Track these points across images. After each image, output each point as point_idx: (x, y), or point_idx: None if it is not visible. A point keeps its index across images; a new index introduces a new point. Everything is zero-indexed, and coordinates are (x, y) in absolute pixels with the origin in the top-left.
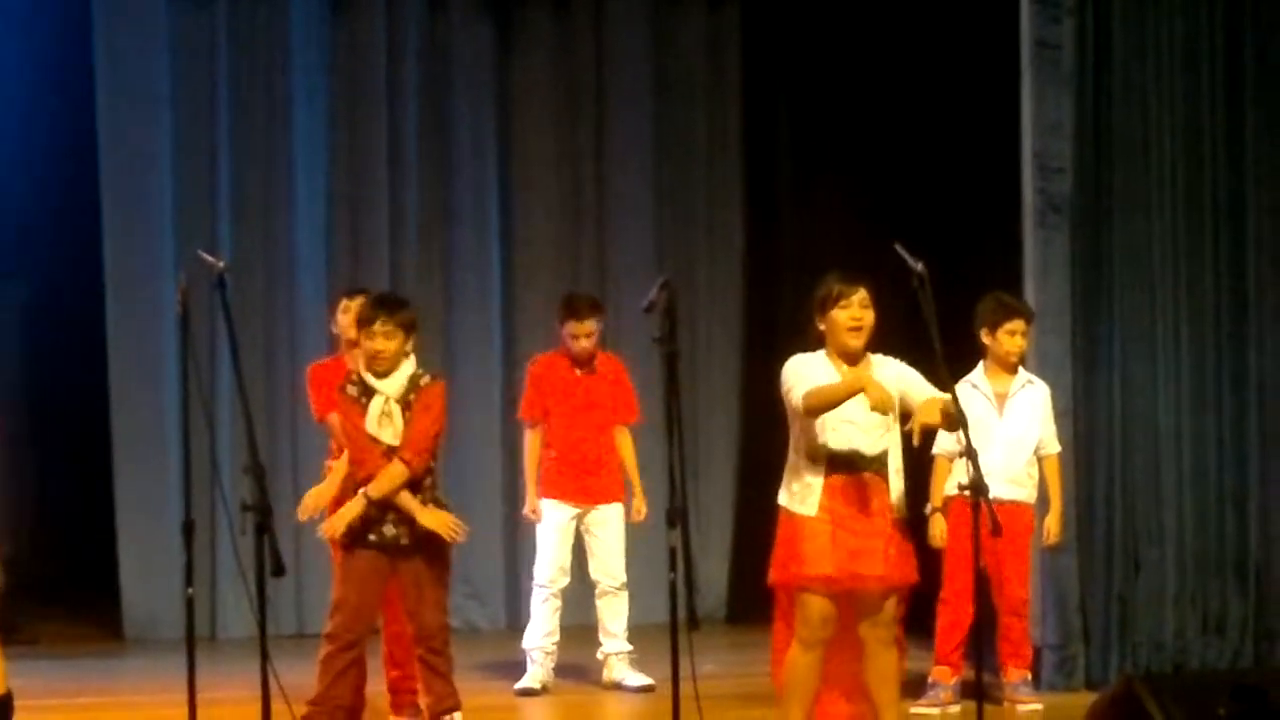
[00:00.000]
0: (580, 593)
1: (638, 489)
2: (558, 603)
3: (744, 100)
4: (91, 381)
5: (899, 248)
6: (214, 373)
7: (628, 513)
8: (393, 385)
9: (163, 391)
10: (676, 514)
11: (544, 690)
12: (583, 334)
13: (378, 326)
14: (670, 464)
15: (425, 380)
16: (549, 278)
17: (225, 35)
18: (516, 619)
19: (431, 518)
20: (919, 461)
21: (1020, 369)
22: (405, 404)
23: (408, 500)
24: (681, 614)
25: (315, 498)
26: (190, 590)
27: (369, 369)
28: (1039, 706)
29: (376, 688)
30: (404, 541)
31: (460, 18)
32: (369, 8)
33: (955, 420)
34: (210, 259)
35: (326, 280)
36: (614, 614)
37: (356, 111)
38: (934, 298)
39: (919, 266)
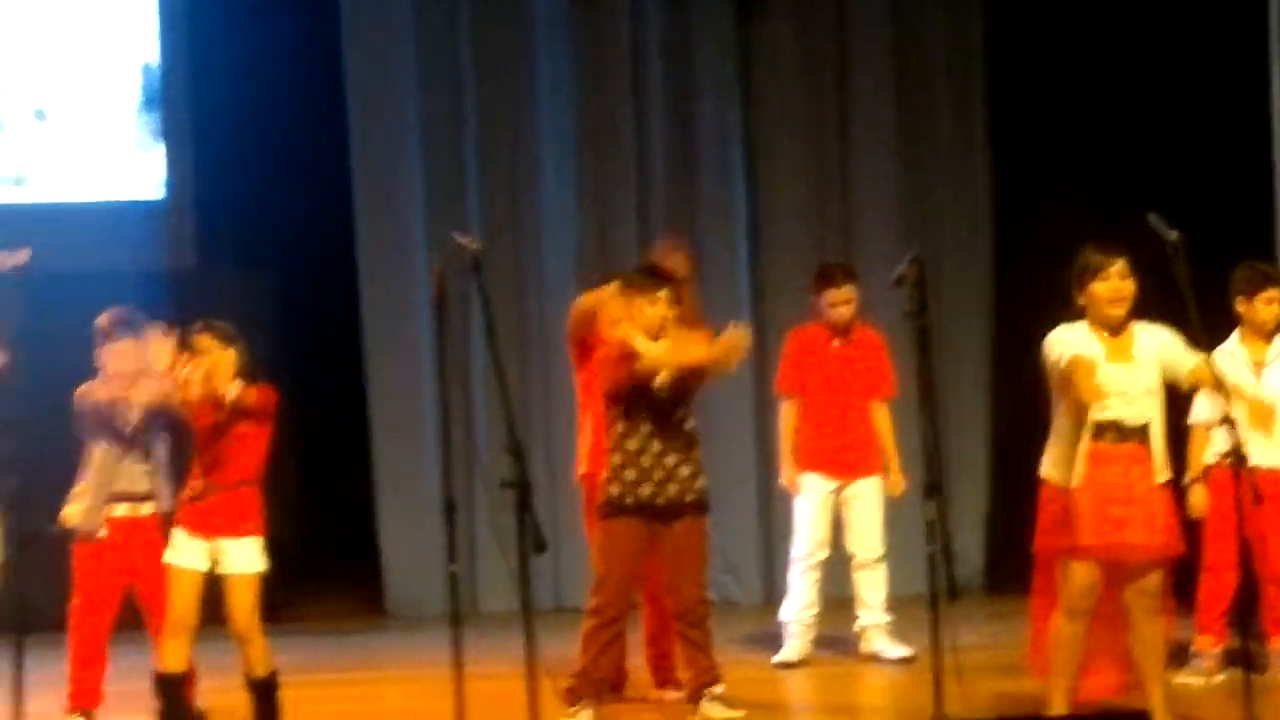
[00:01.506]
0: (836, 564)
1: (894, 462)
2: (817, 575)
3: (988, 65)
4: (349, 364)
5: (1153, 218)
6: (468, 353)
7: (884, 485)
8: None
9: (419, 373)
10: (933, 486)
11: (803, 662)
12: (841, 301)
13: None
14: (925, 436)
15: None
16: (795, 254)
17: (469, 18)
18: (772, 592)
19: (720, 344)
20: (1176, 432)
21: (1277, 336)
22: None
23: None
24: (940, 585)
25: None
26: (453, 567)
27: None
28: None
29: (636, 661)
30: (660, 502)
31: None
32: None
33: (1220, 384)
34: (464, 240)
35: (575, 260)
36: (872, 586)
37: (601, 92)
38: (1188, 267)
39: (1174, 235)
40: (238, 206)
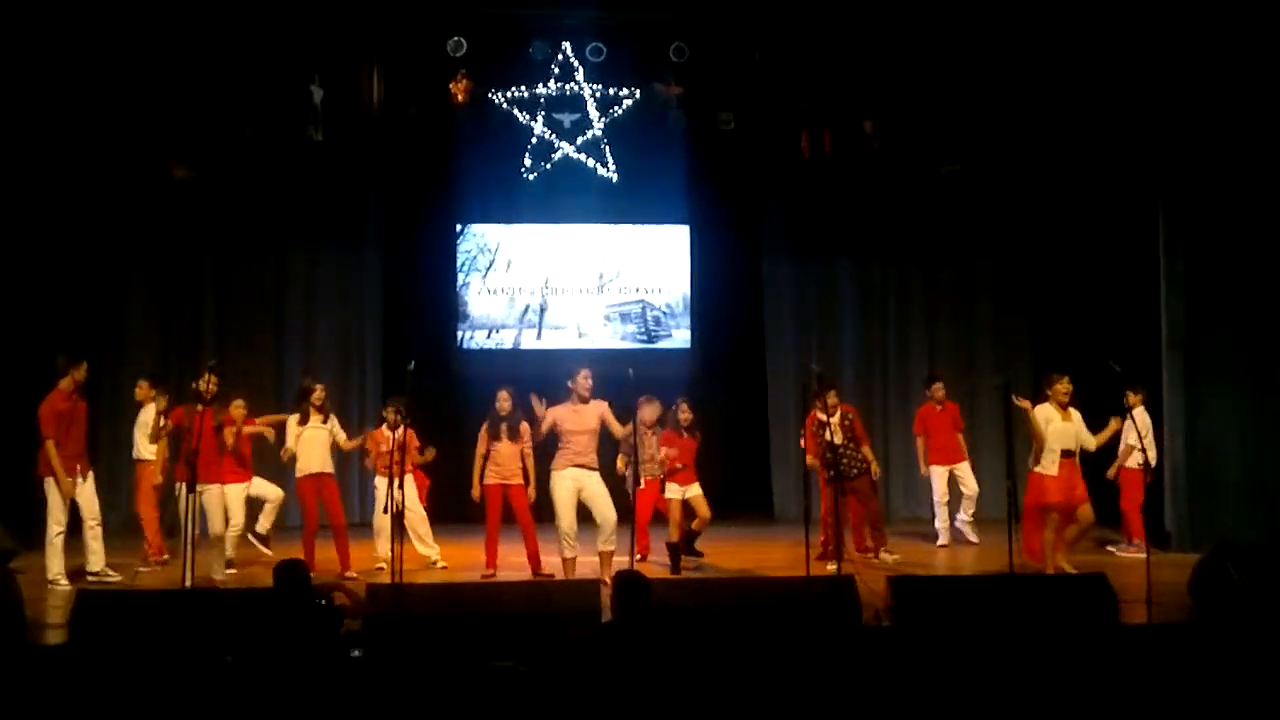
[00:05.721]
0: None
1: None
2: (948, 508)
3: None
4: None
5: (1112, 364)
6: None
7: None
8: None
9: None
10: (1010, 473)
11: (945, 546)
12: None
13: None
14: (1008, 454)
15: None
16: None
17: None
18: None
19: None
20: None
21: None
22: None
23: None
24: (1012, 514)
25: None
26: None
27: None
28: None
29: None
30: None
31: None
32: None
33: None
34: None
35: None
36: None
37: None
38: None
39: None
40: None
